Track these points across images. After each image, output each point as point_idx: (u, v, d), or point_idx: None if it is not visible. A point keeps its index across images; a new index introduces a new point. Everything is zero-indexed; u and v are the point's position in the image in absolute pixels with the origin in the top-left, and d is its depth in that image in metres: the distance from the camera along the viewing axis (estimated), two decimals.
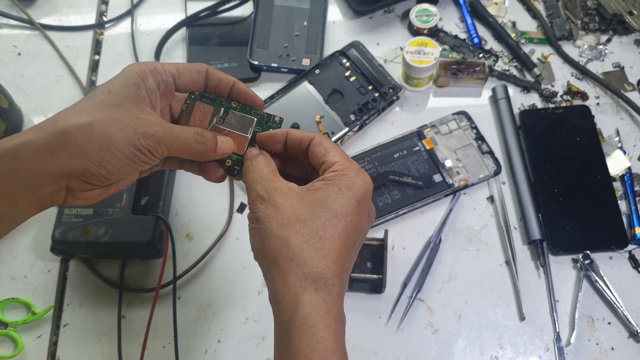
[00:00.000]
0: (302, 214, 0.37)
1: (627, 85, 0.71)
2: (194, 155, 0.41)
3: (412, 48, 0.67)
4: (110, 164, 0.37)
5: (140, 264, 0.62)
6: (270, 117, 0.44)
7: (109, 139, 0.37)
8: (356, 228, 0.38)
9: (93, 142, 0.36)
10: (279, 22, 0.74)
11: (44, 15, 0.79)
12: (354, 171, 0.39)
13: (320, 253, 0.36)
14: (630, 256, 0.61)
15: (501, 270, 0.61)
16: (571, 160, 0.65)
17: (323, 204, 0.37)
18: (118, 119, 0.38)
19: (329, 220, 0.37)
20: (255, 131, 0.44)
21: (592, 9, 0.75)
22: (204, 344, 0.58)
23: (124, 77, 0.39)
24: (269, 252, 0.37)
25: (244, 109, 0.44)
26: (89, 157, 0.36)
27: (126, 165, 0.38)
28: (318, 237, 0.37)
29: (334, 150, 0.40)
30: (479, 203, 0.64)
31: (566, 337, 0.57)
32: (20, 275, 0.62)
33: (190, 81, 0.43)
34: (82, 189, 0.38)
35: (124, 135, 0.37)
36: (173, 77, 0.41)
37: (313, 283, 0.36)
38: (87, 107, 0.38)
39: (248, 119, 0.44)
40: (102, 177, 0.38)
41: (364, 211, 0.39)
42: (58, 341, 0.59)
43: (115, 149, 0.37)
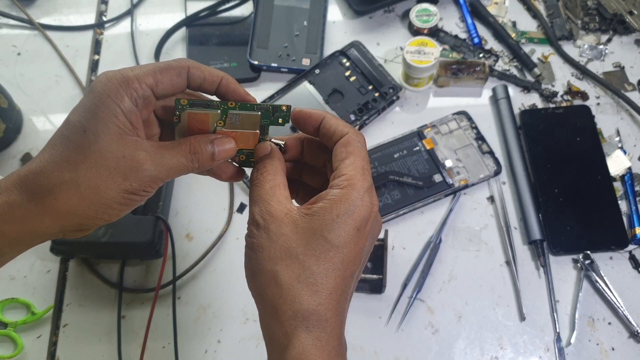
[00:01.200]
0: (294, 246, 0.34)
1: (627, 85, 0.71)
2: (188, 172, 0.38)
3: (412, 48, 0.67)
4: (105, 214, 0.35)
5: (140, 264, 0.62)
6: (276, 107, 0.40)
7: (99, 193, 0.34)
8: (355, 257, 0.36)
9: (83, 200, 0.34)
10: (279, 22, 0.74)
11: (44, 15, 0.78)
12: (358, 191, 0.35)
13: (311, 289, 0.34)
14: (631, 256, 0.61)
15: (501, 270, 0.61)
16: (571, 160, 0.65)
17: (318, 235, 0.34)
18: (103, 165, 0.34)
19: (323, 254, 0.34)
20: (263, 125, 0.40)
21: (593, 9, 0.75)
22: (203, 344, 0.58)
23: (96, 106, 0.34)
24: (258, 287, 0.35)
25: (243, 107, 0.39)
26: (81, 215, 0.35)
27: (121, 210, 0.36)
28: (310, 272, 0.34)
29: (354, 157, 0.36)
30: (479, 203, 0.64)
31: (566, 338, 0.57)
32: (20, 276, 0.62)
33: (170, 87, 0.38)
34: (77, 235, 0.37)
35: (114, 185, 0.34)
36: (151, 88, 0.36)
37: (304, 321, 0.33)
38: (66, 156, 0.34)
39: (253, 116, 0.40)
40: (97, 225, 0.36)
41: (365, 236, 0.36)
42: (58, 341, 0.59)
43: (107, 200, 0.35)
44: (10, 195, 0.33)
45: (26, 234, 0.34)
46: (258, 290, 0.35)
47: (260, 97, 0.70)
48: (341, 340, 0.36)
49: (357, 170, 0.36)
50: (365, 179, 0.36)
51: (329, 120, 0.38)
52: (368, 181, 0.36)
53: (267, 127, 0.40)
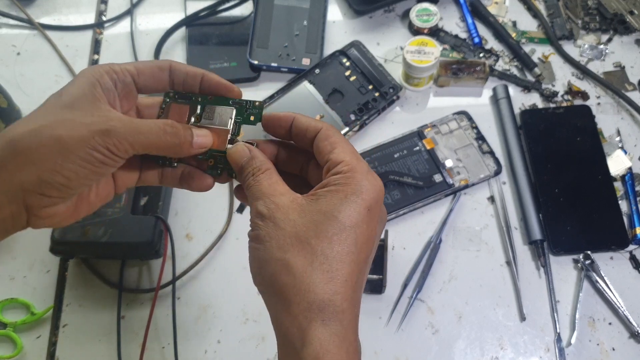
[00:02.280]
0: (304, 230, 0.32)
1: (627, 85, 0.71)
2: (166, 149, 0.36)
3: (412, 47, 0.67)
4: (65, 169, 0.33)
5: (140, 264, 0.62)
6: (250, 103, 0.40)
7: (60, 141, 0.33)
8: (368, 239, 0.34)
9: (43, 147, 0.32)
10: (278, 22, 0.74)
11: (43, 14, 0.78)
12: (361, 173, 0.34)
13: (326, 276, 0.32)
14: (631, 256, 0.61)
15: (502, 270, 0.61)
16: (572, 160, 0.65)
17: (328, 216, 0.33)
18: (69, 119, 0.34)
19: (336, 235, 0.32)
20: (236, 121, 0.40)
21: (593, 9, 0.75)
22: (203, 345, 0.58)
23: (77, 79, 0.36)
24: (268, 278, 0.33)
25: (219, 101, 0.40)
26: (40, 165, 0.32)
27: (83, 168, 0.33)
28: (324, 256, 0.32)
29: (342, 146, 0.35)
30: (479, 203, 0.64)
31: (567, 338, 0.57)
32: (19, 276, 0.62)
33: (152, 79, 0.38)
34: (42, 204, 0.34)
35: (77, 135, 0.33)
36: (132, 75, 0.37)
37: (320, 313, 0.31)
38: (37, 114, 0.34)
39: (226, 110, 0.40)
40: (58, 184, 0.33)
41: (376, 218, 0.35)
42: (57, 341, 0.59)
43: (68, 152, 0.33)
44: None
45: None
46: (268, 282, 0.33)
47: (260, 97, 0.69)
48: (357, 338, 0.34)
49: (352, 155, 0.35)
50: (362, 162, 0.35)
51: (300, 118, 0.38)
52: (366, 164, 0.35)
53: (239, 125, 0.40)
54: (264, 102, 0.40)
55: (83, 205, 0.37)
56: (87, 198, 0.37)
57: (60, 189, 0.34)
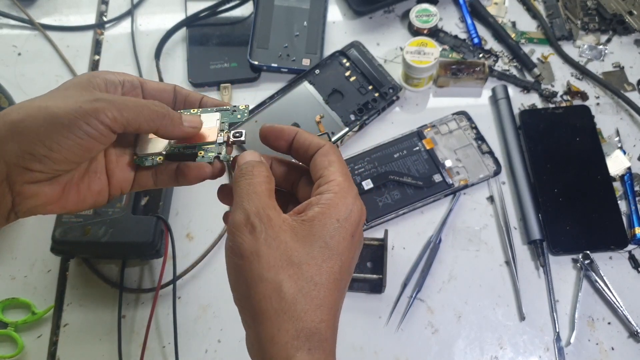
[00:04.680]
0: (296, 254, 0.31)
1: (627, 85, 0.71)
2: (158, 123, 0.35)
3: (412, 48, 0.67)
4: (49, 139, 0.31)
5: (141, 263, 0.62)
6: (234, 107, 0.40)
7: (48, 111, 0.32)
8: (350, 266, 0.33)
9: (29, 117, 0.32)
10: (279, 22, 0.74)
11: (44, 15, 0.79)
12: (352, 197, 0.34)
13: (315, 303, 0.31)
14: (630, 256, 0.61)
15: (501, 270, 0.61)
16: (571, 160, 0.65)
17: (320, 242, 0.32)
18: (60, 95, 0.33)
19: (325, 262, 0.32)
20: (222, 122, 0.40)
21: (592, 9, 0.75)
22: (204, 344, 0.58)
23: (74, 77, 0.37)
24: (256, 300, 0.31)
25: (205, 110, 0.41)
26: (24, 134, 0.31)
27: (69, 139, 0.32)
28: (314, 283, 0.31)
29: (337, 165, 0.35)
30: (478, 203, 0.64)
31: (566, 337, 0.57)
32: (20, 275, 0.62)
33: (158, 90, 0.39)
34: (24, 179, 0.32)
35: (66, 105, 0.32)
36: (139, 82, 0.38)
37: (307, 342, 0.30)
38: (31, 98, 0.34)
39: (210, 115, 0.40)
40: (41, 155, 0.32)
41: (357, 244, 0.34)
42: (58, 341, 0.59)
43: (56, 120, 0.31)
44: None
45: None
46: (255, 305, 0.31)
47: (261, 97, 0.70)
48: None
49: (345, 177, 0.35)
50: (354, 186, 0.35)
51: (303, 134, 0.37)
52: (356, 189, 0.35)
53: (226, 123, 0.40)
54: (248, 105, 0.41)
55: (71, 194, 0.35)
56: (77, 187, 0.36)
57: (43, 161, 0.32)
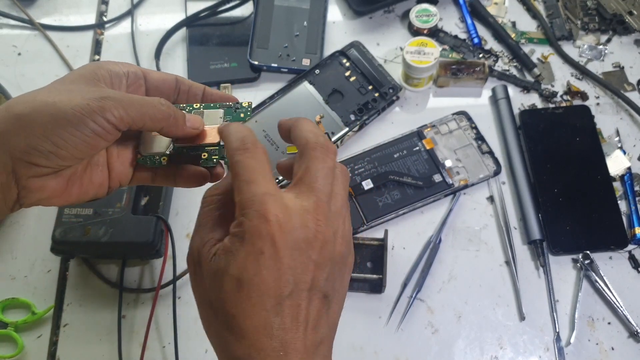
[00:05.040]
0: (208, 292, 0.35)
1: (627, 85, 0.71)
2: (163, 123, 0.36)
3: (412, 48, 0.67)
4: (54, 135, 0.32)
5: (141, 263, 0.62)
6: (237, 103, 0.41)
7: (54, 107, 0.32)
8: (276, 280, 0.31)
9: (35, 112, 0.32)
10: (279, 22, 0.74)
11: (44, 15, 0.79)
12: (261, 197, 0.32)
13: (235, 336, 0.33)
14: (630, 256, 0.61)
15: (501, 270, 0.61)
16: (571, 160, 0.65)
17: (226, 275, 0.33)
18: (65, 89, 0.34)
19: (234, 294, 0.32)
20: (226, 120, 0.40)
21: (592, 9, 0.75)
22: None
23: (78, 68, 0.36)
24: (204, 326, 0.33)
25: (208, 106, 0.41)
26: (30, 129, 0.32)
27: (75, 136, 0.32)
28: (230, 316, 0.33)
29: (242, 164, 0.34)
30: (478, 203, 0.64)
31: (566, 337, 0.57)
32: (20, 275, 0.62)
33: (161, 81, 0.39)
34: (30, 173, 0.33)
35: (72, 101, 0.32)
36: (143, 72, 0.38)
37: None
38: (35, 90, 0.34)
39: (215, 112, 0.40)
40: (47, 152, 0.32)
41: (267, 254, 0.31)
42: (58, 341, 0.59)
43: (60, 117, 0.32)
44: None
45: None
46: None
47: (261, 97, 0.70)
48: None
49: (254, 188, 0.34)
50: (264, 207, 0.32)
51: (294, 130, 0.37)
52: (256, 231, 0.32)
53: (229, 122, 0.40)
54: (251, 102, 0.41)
55: (75, 187, 0.36)
56: (80, 180, 0.36)
57: (49, 157, 0.32)
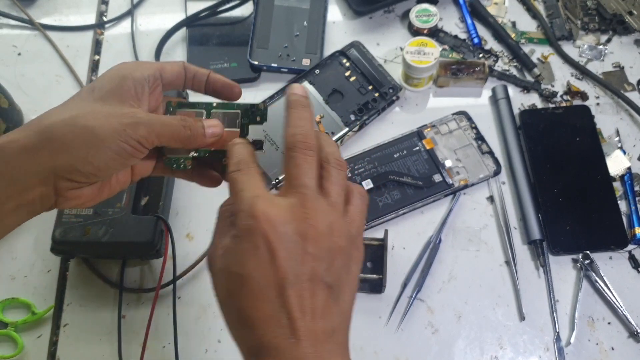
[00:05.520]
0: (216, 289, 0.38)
1: (627, 85, 0.71)
2: (184, 140, 0.39)
3: (412, 48, 0.67)
4: (96, 159, 0.36)
5: (141, 263, 0.62)
6: (253, 106, 0.43)
7: (94, 133, 0.35)
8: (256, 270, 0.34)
9: (77, 138, 0.35)
10: (279, 22, 0.74)
11: (44, 15, 0.79)
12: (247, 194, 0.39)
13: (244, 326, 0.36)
14: (630, 256, 0.61)
15: (501, 270, 0.61)
16: (571, 161, 0.65)
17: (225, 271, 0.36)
18: (101, 111, 0.37)
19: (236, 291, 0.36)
20: (243, 123, 0.43)
21: (592, 9, 0.75)
22: (204, 344, 0.58)
23: (109, 73, 0.39)
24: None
25: (224, 106, 0.43)
26: (73, 153, 0.35)
27: (113, 159, 0.36)
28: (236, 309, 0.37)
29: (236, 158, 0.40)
30: (478, 203, 0.64)
31: (566, 337, 0.57)
32: (20, 275, 0.62)
33: (173, 75, 0.42)
34: (70, 188, 0.37)
35: (109, 127, 0.36)
36: (159, 71, 0.41)
37: (255, 356, 0.35)
38: (70, 104, 0.38)
39: (232, 114, 0.43)
40: (89, 173, 0.36)
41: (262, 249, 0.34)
42: (58, 341, 0.59)
43: (101, 143, 0.35)
44: (9, 135, 0.36)
45: (20, 173, 0.35)
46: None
47: (261, 97, 0.70)
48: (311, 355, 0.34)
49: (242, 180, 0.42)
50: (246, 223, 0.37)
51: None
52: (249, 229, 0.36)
53: (247, 126, 0.43)
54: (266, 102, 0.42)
55: (105, 189, 0.40)
56: (109, 183, 0.40)
57: (89, 177, 0.37)
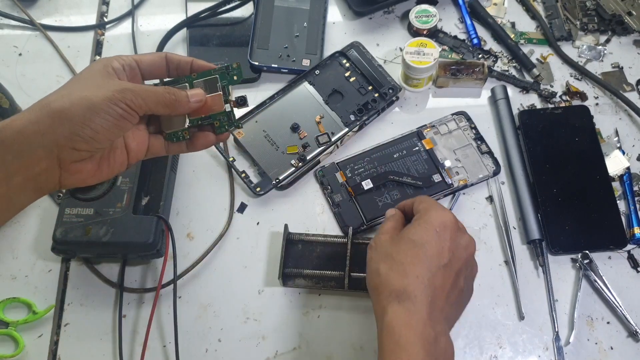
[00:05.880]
0: (391, 250, 0.47)
1: (626, 85, 0.71)
2: (169, 103, 0.44)
3: (411, 49, 0.68)
4: (93, 122, 0.40)
5: (141, 263, 0.62)
6: (228, 67, 0.48)
7: (88, 100, 0.40)
8: (439, 251, 0.46)
9: (74, 106, 0.40)
10: (279, 23, 0.74)
11: (45, 15, 0.79)
12: (433, 209, 0.49)
13: (401, 275, 0.45)
14: (629, 256, 0.61)
15: (500, 269, 0.61)
16: (570, 161, 0.65)
17: (406, 239, 0.47)
18: (93, 84, 0.42)
19: (410, 250, 0.46)
20: (223, 85, 0.48)
21: (591, 10, 0.75)
22: (204, 344, 0.59)
23: (90, 66, 0.44)
24: (369, 282, 0.48)
25: (202, 74, 0.48)
26: (72, 119, 0.39)
27: (108, 121, 0.41)
28: (399, 263, 0.46)
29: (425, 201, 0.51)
30: (478, 203, 0.65)
31: (565, 337, 0.58)
32: (21, 275, 0.62)
33: (152, 64, 0.47)
34: (72, 158, 0.41)
35: (101, 94, 0.41)
36: (136, 61, 0.46)
37: (396, 297, 0.44)
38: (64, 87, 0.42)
39: (212, 79, 0.48)
40: (88, 137, 0.40)
41: (446, 237, 0.47)
42: (59, 341, 0.59)
43: (96, 107, 0.40)
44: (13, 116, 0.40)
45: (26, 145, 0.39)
46: (370, 284, 0.48)
47: (261, 97, 0.70)
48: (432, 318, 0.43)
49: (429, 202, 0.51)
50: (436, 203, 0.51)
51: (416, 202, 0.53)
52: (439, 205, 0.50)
53: (227, 87, 0.48)
54: (239, 63, 0.49)
55: (104, 167, 0.44)
56: (107, 161, 0.44)
57: (89, 142, 0.40)
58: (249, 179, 0.65)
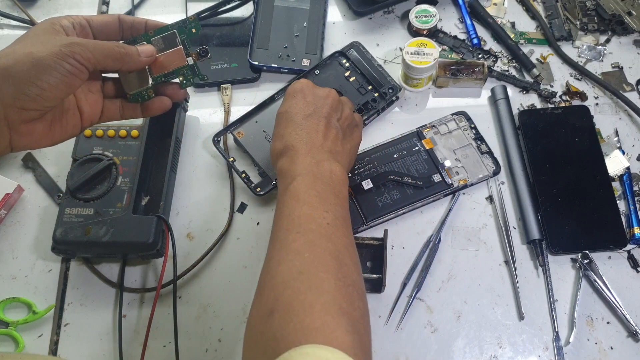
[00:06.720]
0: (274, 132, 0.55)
1: (625, 85, 0.71)
2: (119, 57, 0.44)
3: (411, 49, 0.68)
4: (39, 79, 0.38)
5: (141, 263, 0.62)
6: (184, 21, 0.49)
7: (34, 56, 0.38)
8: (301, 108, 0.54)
9: (18, 63, 0.38)
10: (279, 23, 0.74)
11: (45, 15, 0.79)
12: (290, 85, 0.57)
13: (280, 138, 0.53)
14: (629, 256, 0.61)
15: (500, 269, 0.61)
16: (570, 161, 0.65)
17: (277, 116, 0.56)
18: (38, 41, 0.40)
19: (281, 121, 0.55)
20: (183, 39, 0.49)
21: (591, 10, 0.75)
22: (204, 344, 0.59)
23: (36, 25, 0.43)
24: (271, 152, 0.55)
25: (160, 31, 0.49)
26: (17, 77, 0.38)
27: (55, 77, 0.39)
28: (279, 133, 0.54)
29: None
30: (478, 203, 0.65)
31: (565, 337, 0.58)
32: (21, 275, 0.62)
33: (104, 25, 0.46)
34: (21, 118, 0.39)
35: (48, 50, 0.39)
36: (87, 20, 0.45)
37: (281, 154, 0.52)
38: (10, 46, 0.41)
39: (170, 35, 0.49)
40: (34, 95, 0.38)
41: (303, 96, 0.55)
42: (59, 340, 0.59)
43: (42, 63, 0.38)
44: None
45: None
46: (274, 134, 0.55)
47: (261, 97, 0.70)
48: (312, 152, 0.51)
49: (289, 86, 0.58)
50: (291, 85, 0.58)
51: None
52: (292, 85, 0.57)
53: (187, 41, 0.49)
54: (195, 16, 0.50)
55: (56, 129, 0.43)
56: (60, 122, 0.44)
57: (36, 100, 0.39)
58: (249, 179, 0.65)
